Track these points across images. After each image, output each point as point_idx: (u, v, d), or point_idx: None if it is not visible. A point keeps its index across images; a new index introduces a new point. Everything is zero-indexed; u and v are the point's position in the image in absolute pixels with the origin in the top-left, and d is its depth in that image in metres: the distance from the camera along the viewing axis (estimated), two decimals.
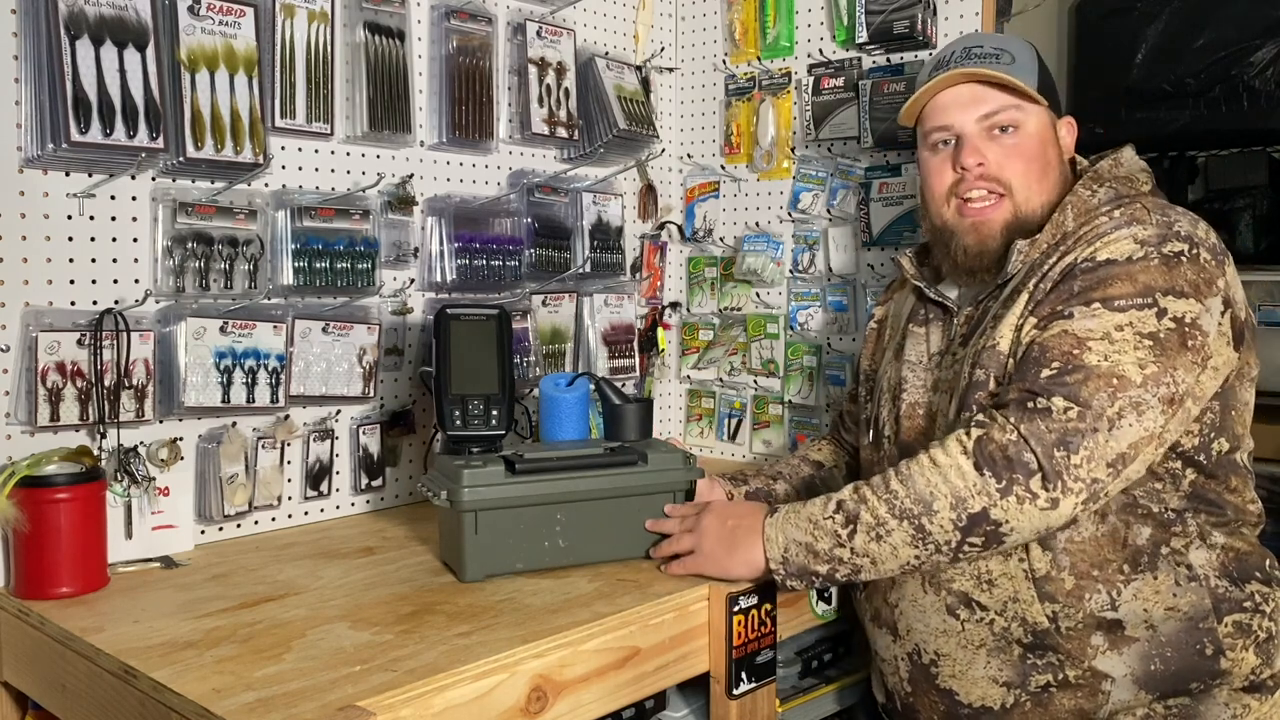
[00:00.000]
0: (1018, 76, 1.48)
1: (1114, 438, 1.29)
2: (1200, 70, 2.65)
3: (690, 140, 2.56)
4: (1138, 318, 1.32)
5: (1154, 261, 1.35)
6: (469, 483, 1.48)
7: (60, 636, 1.36)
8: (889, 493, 1.36)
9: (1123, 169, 1.52)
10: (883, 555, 1.37)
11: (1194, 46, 2.67)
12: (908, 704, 1.54)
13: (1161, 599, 1.37)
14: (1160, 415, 1.30)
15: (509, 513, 1.51)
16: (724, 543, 1.49)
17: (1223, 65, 2.63)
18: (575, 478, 1.55)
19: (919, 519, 1.34)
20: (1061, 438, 1.28)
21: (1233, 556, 1.40)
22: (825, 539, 1.40)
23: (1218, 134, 2.72)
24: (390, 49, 1.95)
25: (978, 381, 1.43)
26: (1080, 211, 1.47)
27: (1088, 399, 1.29)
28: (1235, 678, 1.39)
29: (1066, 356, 1.32)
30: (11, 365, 1.56)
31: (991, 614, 1.42)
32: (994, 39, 1.56)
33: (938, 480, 1.33)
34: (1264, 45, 2.58)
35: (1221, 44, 2.63)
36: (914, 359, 1.59)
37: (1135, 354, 1.30)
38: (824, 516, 1.41)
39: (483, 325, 1.69)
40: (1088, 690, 1.39)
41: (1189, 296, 1.33)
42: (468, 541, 1.49)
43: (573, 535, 1.55)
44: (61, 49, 1.53)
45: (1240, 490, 1.45)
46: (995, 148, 1.50)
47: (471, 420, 1.62)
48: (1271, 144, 2.80)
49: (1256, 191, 2.86)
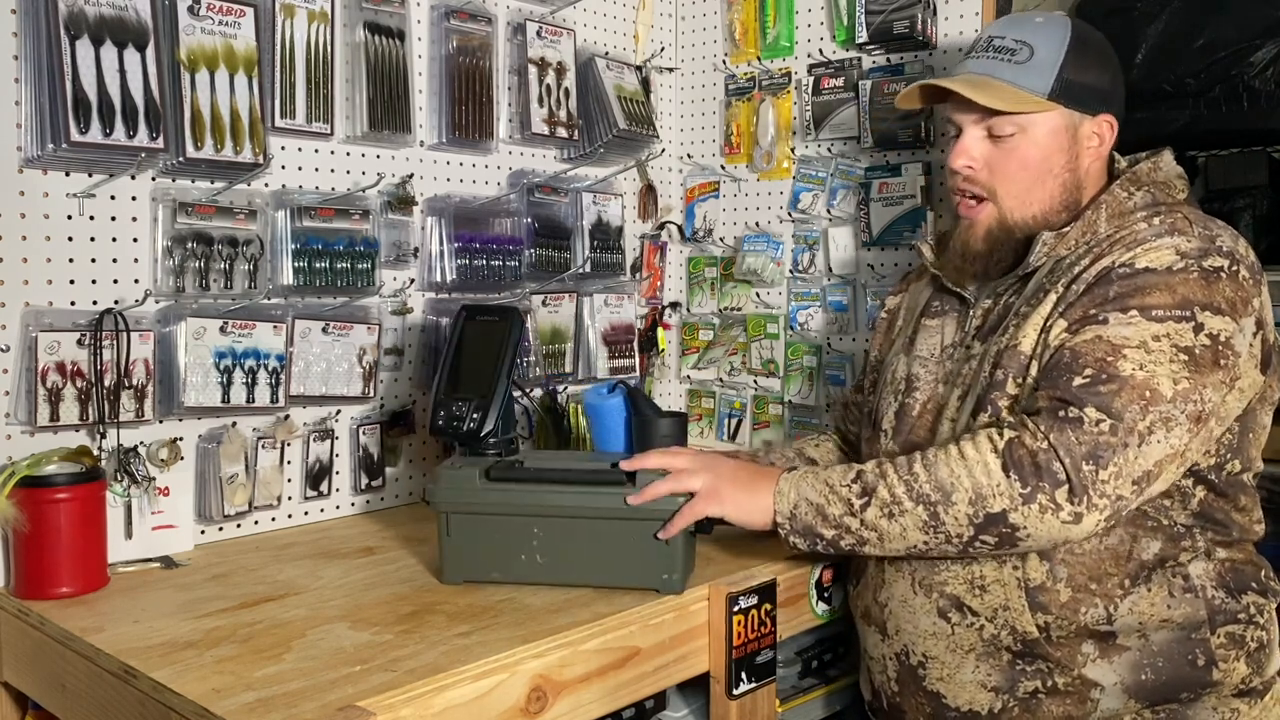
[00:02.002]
0: (1021, 79, 1.42)
1: (1142, 454, 1.26)
2: (1200, 70, 2.65)
3: (690, 140, 2.56)
4: (1175, 330, 1.29)
5: (1194, 274, 1.31)
6: (443, 483, 1.47)
7: (60, 636, 1.36)
8: (910, 474, 1.34)
9: (1161, 174, 1.48)
10: (891, 534, 1.35)
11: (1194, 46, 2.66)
12: (894, 704, 1.52)
13: (1156, 610, 1.35)
14: (1186, 434, 1.28)
15: (483, 519, 1.47)
16: (742, 485, 1.44)
17: (1223, 65, 2.62)
18: (550, 492, 1.46)
19: (935, 506, 1.32)
20: (1092, 451, 1.25)
21: (1229, 568, 1.39)
22: (838, 505, 1.38)
23: (1218, 134, 2.72)
24: (390, 49, 1.95)
25: (997, 382, 1.40)
26: (1115, 213, 1.43)
27: (1120, 411, 1.25)
28: (1226, 687, 1.37)
29: (1100, 364, 1.28)
30: (11, 365, 1.56)
31: (982, 619, 1.40)
32: (1020, 27, 1.47)
33: (962, 473, 1.31)
34: (1264, 45, 2.57)
35: (1221, 44, 2.63)
36: (925, 354, 1.56)
37: (1170, 367, 1.27)
38: (841, 484, 1.39)
39: (494, 325, 1.67)
40: (1076, 698, 1.37)
41: (1225, 314, 1.30)
42: (442, 543, 1.49)
43: (551, 552, 1.46)
44: (61, 49, 1.53)
45: (1249, 509, 1.43)
46: (991, 151, 1.47)
47: (452, 421, 1.61)
48: (1271, 144, 2.80)
49: (1256, 191, 2.86)
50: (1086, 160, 1.48)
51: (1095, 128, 1.48)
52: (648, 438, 1.75)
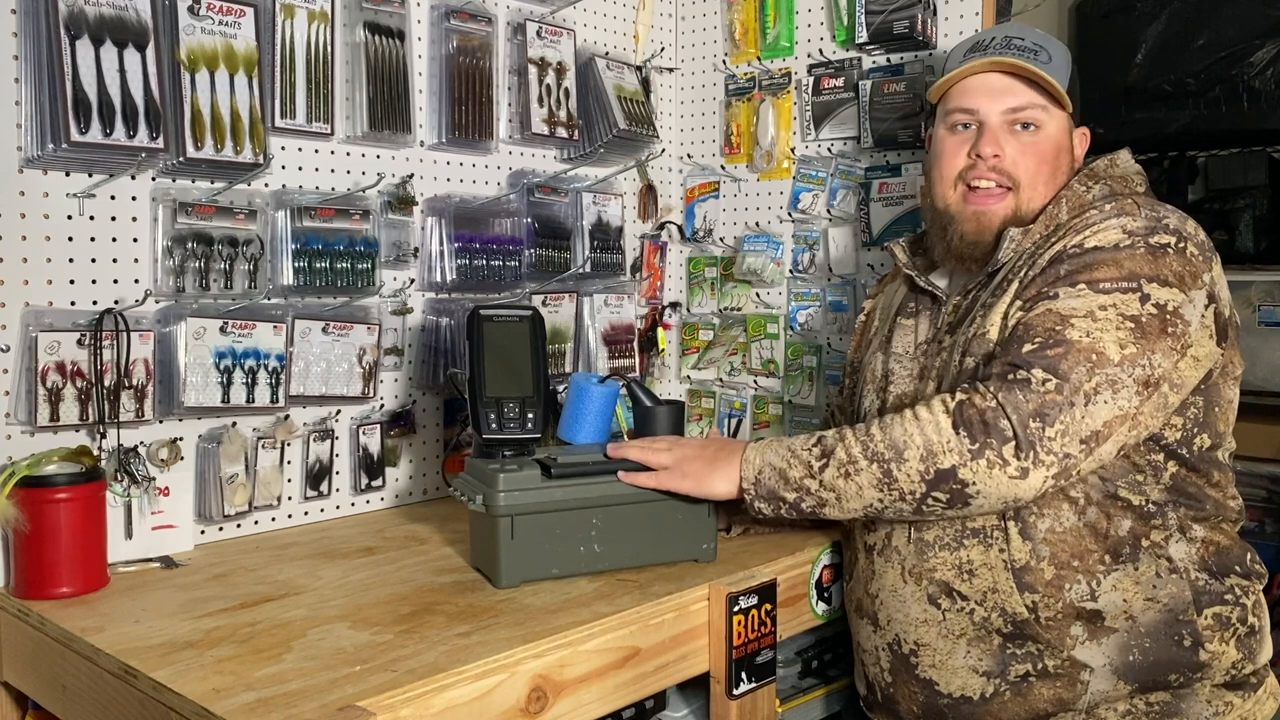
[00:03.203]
0: (1053, 76, 1.50)
1: (1089, 414, 1.31)
2: (1200, 70, 2.65)
3: (690, 140, 2.56)
4: (1121, 300, 1.34)
5: (1140, 250, 1.37)
6: (505, 487, 1.46)
7: (60, 636, 1.36)
8: (867, 435, 1.39)
9: (1118, 169, 1.55)
10: (848, 493, 1.40)
11: (1194, 46, 2.67)
12: (888, 694, 1.54)
13: (1142, 590, 1.38)
14: (1135, 396, 1.32)
15: (545, 517, 1.49)
16: (705, 460, 1.52)
17: (1223, 65, 2.63)
18: (611, 482, 1.53)
19: (889, 464, 1.36)
20: (1039, 409, 1.30)
21: (1212, 550, 1.42)
22: (798, 468, 1.44)
23: (1218, 134, 2.72)
24: (390, 49, 1.95)
25: (967, 369, 1.45)
26: (1074, 206, 1.50)
27: (1066, 372, 1.31)
28: (1216, 671, 1.40)
29: (1049, 332, 1.34)
30: (11, 365, 1.56)
31: (972, 604, 1.43)
32: (1035, 34, 1.56)
33: (914, 431, 1.36)
34: (1264, 45, 2.58)
35: (1221, 44, 2.64)
36: (900, 350, 1.61)
37: (1116, 333, 1.33)
38: (803, 448, 1.45)
39: (516, 326, 1.66)
40: (1066, 680, 1.40)
41: (1173, 286, 1.36)
42: (503, 547, 1.47)
43: (608, 540, 1.53)
44: (61, 49, 1.53)
45: (1223, 485, 1.46)
46: (1014, 142, 1.52)
47: (507, 423, 1.59)
48: (1271, 144, 2.80)
49: (1256, 191, 2.87)
50: (1071, 166, 1.57)
51: (1079, 137, 1.60)
52: (647, 426, 1.77)
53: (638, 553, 1.55)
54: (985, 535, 1.42)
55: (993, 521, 1.42)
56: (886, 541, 1.52)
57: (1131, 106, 2.74)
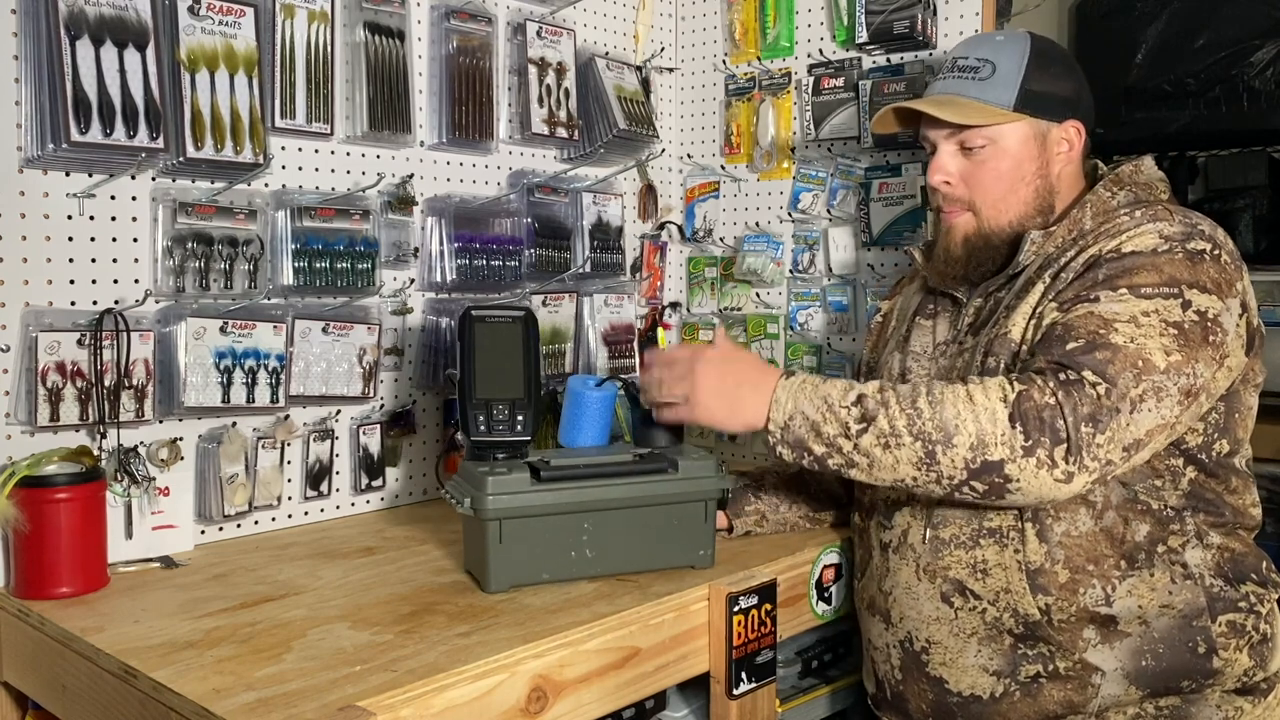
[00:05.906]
0: (986, 94, 1.49)
1: (1134, 421, 1.28)
2: (1200, 70, 2.65)
3: (690, 140, 2.56)
4: (1163, 306, 1.32)
5: (1179, 255, 1.36)
6: (493, 490, 1.44)
7: (60, 636, 1.36)
8: (914, 409, 1.32)
9: (1143, 176, 1.54)
10: (884, 463, 1.34)
11: (1194, 46, 2.67)
12: (897, 692, 1.54)
13: (1157, 596, 1.37)
14: (1177, 405, 1.30)
15: (534, 521, 1.46)
16: (724, 398, 1.44)
17: (1223, 65, 2.63)
18: (603, 486, 1.49)
19: (934, 445, 1.30)
20: (1093, 413, 1.26)
21: (1228, 557, 1.41)
22: (833, 425, 1.36)
23: (1218, 134, 2.72)
24: (390, 49, 1.95)
25: (989, 369, 1.43)
26: (1099, 211, 1.49)
27: (1114, 376, 1.27)
28: (1227, 678, 1.39)
29: (1092, 335, 1.31)
30: (11, 365, 1.56)
31: (984, 603, 1.43)
32: (982, 47, 1.55)
33: (969, 416, 1.29)
34: (1264, 45, 2.58)
35: (1221, 44, 2.63)
36: (919, 349, 1.61)
37: (1160, 340, 1.30)
38: (840, 404, 1.37)
39: (508, 327, 1.65)
40: (1077, 682, 1.39)
41: (1211, 293, 1.34)
42: (492, 551, 1.45)
43: (600, 545, 1.50)
44: (61, 49, 1.53)
45: (1241, 492, 1.45)
46: (965, 165, 1.53)
47: (496, 425, 1.58)
48: (1271, 144, 2.80)
49: (1256, 191, 2.86)
50: (1058, 165, 1.54)
51: (1063, 134, 1.54)
52: (648, 430, 1.76)
53: (631, 558, 1.53)
54: (1001, 535, 1.41)
55: (1009, 522, 1.41)
56: (902, 539, 1.51)
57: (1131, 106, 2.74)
